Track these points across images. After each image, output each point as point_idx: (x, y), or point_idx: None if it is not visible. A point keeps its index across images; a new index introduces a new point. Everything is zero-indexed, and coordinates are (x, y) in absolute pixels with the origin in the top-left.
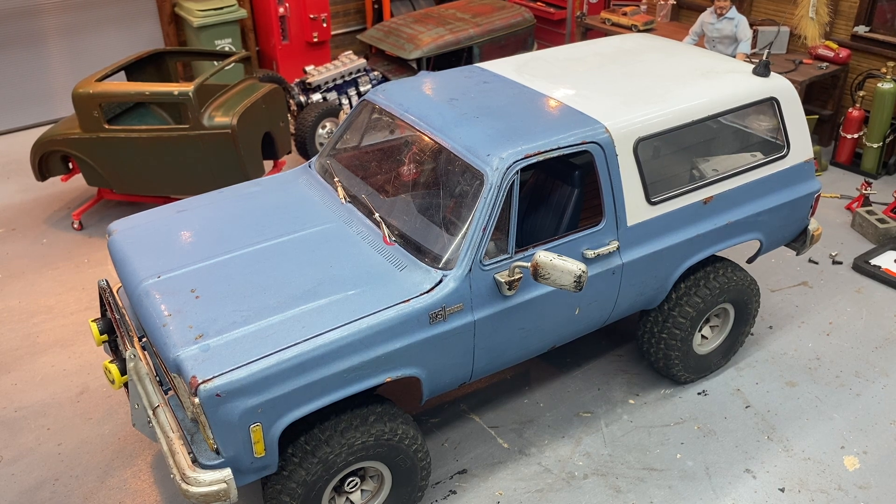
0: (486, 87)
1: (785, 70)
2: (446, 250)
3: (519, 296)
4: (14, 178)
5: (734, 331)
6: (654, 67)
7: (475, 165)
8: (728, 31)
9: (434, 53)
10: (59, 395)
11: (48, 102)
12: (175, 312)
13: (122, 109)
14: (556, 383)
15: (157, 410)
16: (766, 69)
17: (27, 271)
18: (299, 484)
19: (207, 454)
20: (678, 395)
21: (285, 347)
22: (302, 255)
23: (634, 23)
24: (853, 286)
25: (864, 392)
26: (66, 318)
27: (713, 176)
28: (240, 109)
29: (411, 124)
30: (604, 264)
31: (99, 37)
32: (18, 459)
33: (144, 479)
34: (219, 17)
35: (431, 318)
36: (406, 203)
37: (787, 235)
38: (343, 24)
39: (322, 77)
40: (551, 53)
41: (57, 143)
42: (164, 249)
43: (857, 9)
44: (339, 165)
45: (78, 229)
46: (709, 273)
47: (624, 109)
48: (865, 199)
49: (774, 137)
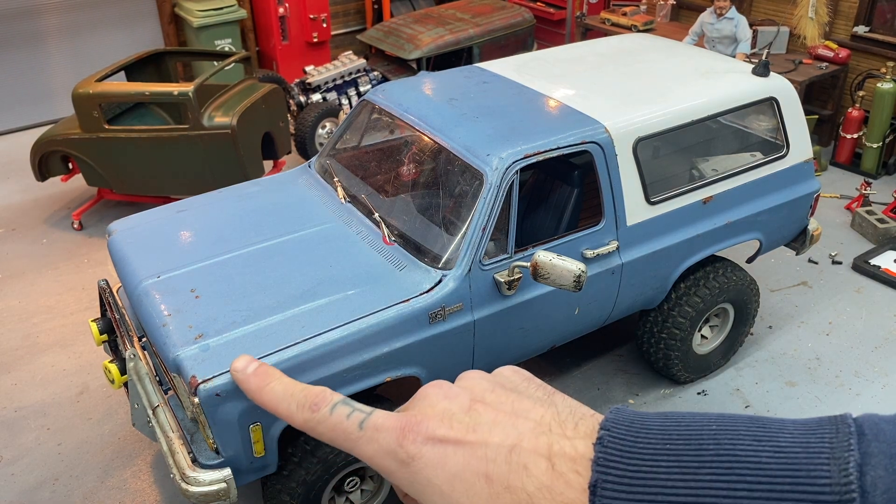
0: (486, 87)
1: (785, 70)
2: (446, 250)
3: (518, 296)
4: (14, 178)
5: (734, 331)
6: (654, 67)
7: (475, 165)
8: (728, 31)
9: (434, 53)
10: (59, 395)
11: (48, 102)
12: (175, 312)
13: (122, 109)
14: (556, 383)
15: (156, 410)
16: (766, 69)
17: (27, 271)
18: (299, 483)
19: (207, 454)
20: (678, 395)
21: (285, 347)
22: (302, 255)
23: (634, 23)
24: (853, 286)
25: (863, 392)
26: (66, 318)
27: (713, 176)
28: (240, 109)
29: (411, 124)
30: (603, 264)
31: (99, 37)
32: (18, 459)
33: (144, 479)
34: (219, 18)
35: (431, 317)
36: (406, 203)
37: (787, 235)
38: (343, 24)
39: (322, 77)
40: (551, 53)
41: (57, 143)
42: (163, 249)
43: (857, 9)
44: (339, 165)
45: (78, 229)
46: (708, 273)
47: (623, 109)
48: (865, 199)
49: (774, 137)
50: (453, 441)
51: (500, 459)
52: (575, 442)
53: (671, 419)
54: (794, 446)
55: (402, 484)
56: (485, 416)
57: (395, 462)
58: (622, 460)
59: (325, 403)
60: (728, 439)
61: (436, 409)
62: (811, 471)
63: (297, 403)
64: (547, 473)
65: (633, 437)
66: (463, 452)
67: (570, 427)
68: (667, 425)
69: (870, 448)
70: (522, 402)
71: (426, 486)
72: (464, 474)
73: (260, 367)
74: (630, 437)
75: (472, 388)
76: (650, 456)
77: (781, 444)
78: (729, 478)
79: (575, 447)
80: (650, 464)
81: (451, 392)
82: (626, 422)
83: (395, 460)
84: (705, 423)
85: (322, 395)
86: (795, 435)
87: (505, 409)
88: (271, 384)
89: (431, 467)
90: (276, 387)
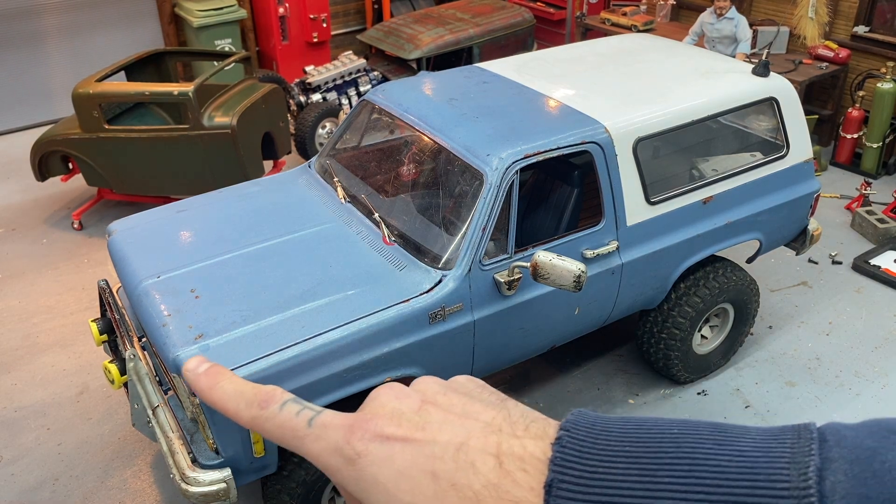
0: (486, 87)
1: (785, 70)
2: (446, 250)
3: (518, 296)
4: (14, 178)
5: (734, 331)
6: (654, 67)
7: (475, 165)
8: (728, 31)
9: (434, 53)
10: (59, 395)
11: (48, 102)
12: (175, 312)
13: (122, 109)
14: (556, 383)
15: (156, 410)
16: (766, 69)
17: (27, 271)
18: (299, 484)
19: (207, 454)
20: (678, 395)
21: (285, 347)
22: (302, 255)
23: (634, 23)
24: (853, 286)
25: (863, 392)
26: (66, 318)
27: (713, 176)
28: (240, 109)
29: (411, 124)
30: (603, 264)
31: (99, 37)
32: (18, 459)
33: (144, 479)
34: (219, 18)
35: (431, 317)
36: (406, 203)
37: (787, 235)
38: (343, 24)
39: (322, 77)
40: (551, 53)
41: (57, 143)
42: (163, 249)
43: (857, 9)
44: (339, 165)
45: (78, 229)
46: (708, 273)
47: (623, 109)
48: (865, 199)
49: (774, 137)
50: (401, 438)
51: (447, 457)
52: (524, 441)
53: (633, 423)
54: (755, 451)
55: (348, 483)
56: (434, 416)
57: (342, 459)
58: (580, 461)
59: (275, 401)
60: (688, 443)
61: (385, 408)
62: (771, 475)
63: (245, 401)
64: (494, 471)
65: (594, 439)
66: (410, 450)
67: (520, 428)
68: (628, 428)
69: (830, 453)
70: (474, 404)
71: (372, 485)
72: (410, 471)
73: (211, 368)
74: (590, 439)
75: (424, 391)
76: (608, 457)
77: (742, 448)
78: (687, 480)
79: (524, 446)
80: (608, 465)
81: (402, 393)
82: (586, 424)
83: (341, 457)
84: (667, 427)
85: (272, 393)
86: (757, 441)
87: (455, 411)
88: (221, 383)
89: (377, 465)
90: (226, 385)
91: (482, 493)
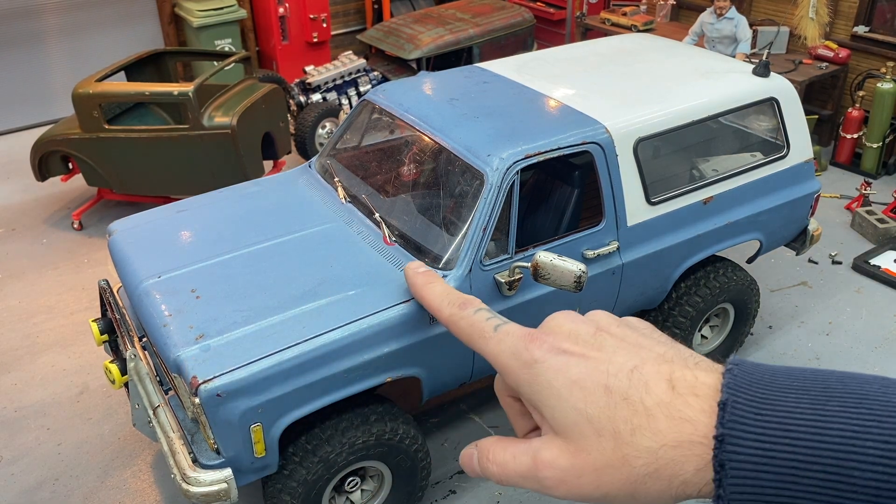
0: (486, 87)
1: (785, 70)
2: (446, 250)
3: (519, 296)
4: (14, 178)
5: (734, 331)
6: (654, 67)
7: (475, 165)
8: (728, 31)
9: (434, 53)
10: (59, 394)
11: (48, 102)
12: (175, 312)
13: (122, 109)
14: None
15: (157, 410)
16: (766, 69)
17: (27, 271)
18: (300, 483)
19: (208, 454)
20: None
21: (286, 347)
22: (302, 255)
23: (634, 23)
24: (853, 286)
25: None
26: (66, 318)
27: (713, 176)
28: (240, 109)
29: (411, 124)
30: (604, 264)
31: (99, 37)
32: (18, 459)
33: (144, 479)
34: (219, 18)
35: (432, 318)
36: (406, 203)
37: (787, 235)
38: (343, 24)
39: (322, 77)
40: (551, 53)
41: (57, 143)
42: (164, 249)
43: (857, 9)
44: (340, 165)
45: (78, 229)
46: (709, 273)
47: (624, 109)
48: (865, 199)
49: (774, 137)
50: (578, 354)
51: (621, 375)
52: (696, 372)
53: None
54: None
55: (520, 383)
56: (609, 342)
57: (519, 362)
58: (751, 388)
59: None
60: (856, 383)
61: (563, 328)
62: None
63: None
64: (667, 392)
65: (761, 374)
66: (585, 364)
67: (691, 362)
68: (790, 369)
69: None
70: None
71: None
72: (584, 382)
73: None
74: (758, 373)
75: (599, 321)
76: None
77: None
78: (858, 410)
79: (696, 376)
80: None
81: (578, 319)
82: (751, 364)
83: (518, 360)
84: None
85: (471, 299)
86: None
87: (629, 341)
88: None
89: (553, 372)
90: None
91: (654, 409)
